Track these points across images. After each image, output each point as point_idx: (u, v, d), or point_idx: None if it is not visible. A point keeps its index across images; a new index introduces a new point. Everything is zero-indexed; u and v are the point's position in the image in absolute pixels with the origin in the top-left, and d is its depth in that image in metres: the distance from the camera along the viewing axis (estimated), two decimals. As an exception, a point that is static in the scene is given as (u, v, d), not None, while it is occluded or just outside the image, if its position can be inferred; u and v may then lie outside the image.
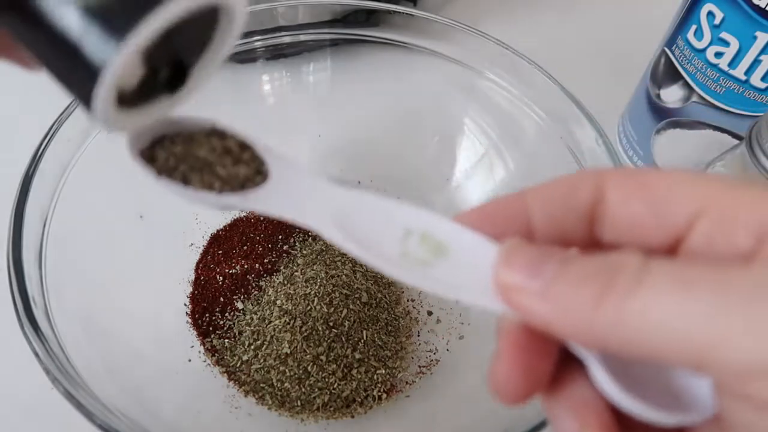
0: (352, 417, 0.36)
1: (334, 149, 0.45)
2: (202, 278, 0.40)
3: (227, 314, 0.38)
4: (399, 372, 0.37)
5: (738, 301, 0.14)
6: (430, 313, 0.40)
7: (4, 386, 0.36)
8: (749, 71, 0.37)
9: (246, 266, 0.40)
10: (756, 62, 0.36)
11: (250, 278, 0.40)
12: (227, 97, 0.42)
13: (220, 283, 0.39)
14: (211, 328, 0.38)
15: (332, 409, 0.35)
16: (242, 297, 0.39)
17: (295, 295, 0.37)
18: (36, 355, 0.27)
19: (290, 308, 0.37)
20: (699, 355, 0.14)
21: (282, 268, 0.40)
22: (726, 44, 0.37)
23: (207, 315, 0.38)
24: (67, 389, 0.26)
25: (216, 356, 0.37)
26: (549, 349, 0.17)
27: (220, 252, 0.41)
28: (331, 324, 0.36)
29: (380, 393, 0.36)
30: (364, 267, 0.40)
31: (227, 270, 0.40)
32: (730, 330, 0.13)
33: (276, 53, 0.43)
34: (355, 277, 0.39)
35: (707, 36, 0.38)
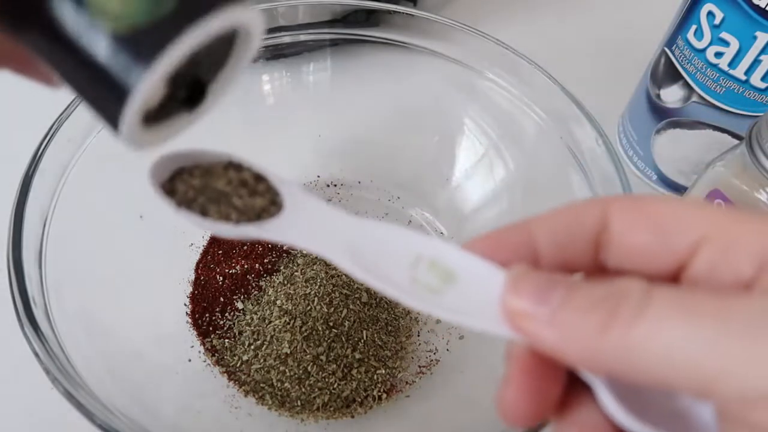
0: (352, 417, 0.36)
1: (334, 149, 0.45)
2: (202, 278, 0.40)
3: (227, 314, 0.38)
4: (399, 372, 0.37)
5: (739, 330, 0.14)
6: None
7: (4, 386, 0.36)
8: (749, 71, 0.37)
9: (246, 266, 0.40)
10: (756, 62, 0.36)
11: (250, 278, 0.40)
12: (227, 97, 0.42)
13: (220, 283, 0.39)
14: (211, 328, 0.38)
15: (332, 409, 0.35)
16: (242, 297, 0.39)
17: (295, 295, 0.37)
18: (36, 355, 0.27)
19: (290, 308, 0.37)
20: (701, 383, 0.14)
21: (282, 268, 0.40)
22: (726, 44, 0.37)
23: (207, 315, 0.38)
24: (67, 389, 0.26)
25: (216, 356, 0.37)
26: (557, 374, 0.17)
27: (220, 252, 0.41)
28: (331, 324, 0.36)
29: (380, 393, 0.36)
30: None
31: (227, 270, 0.40)
32: (732, 358, 0.14)
33: (276, 53, 0.43)
34: (355, 277, 0.39)
35: (707, 36, 0.38)
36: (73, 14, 0.15)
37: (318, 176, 0.45)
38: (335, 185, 0.45)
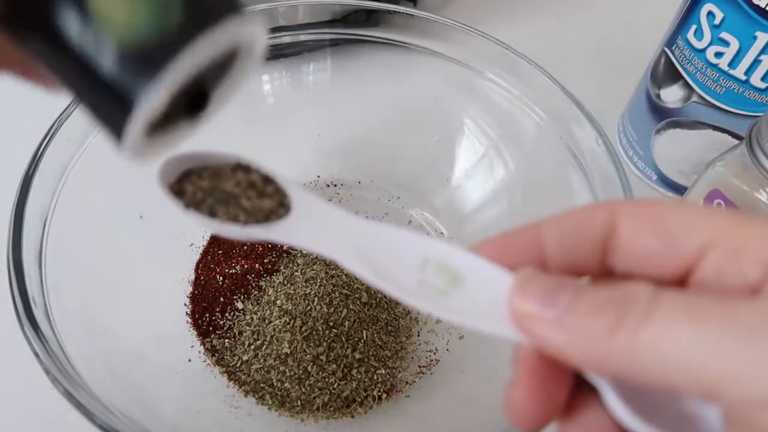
0: (352, 417, 0.36)
1: (334, 149, 0.45)
2: (202, 278, 0.40)
3: (227, 314, 0.38)
4: (399, 372, 0.37)
5: (746, 333, 0.14)
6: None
7: (4, 386, 0.36)
8: (749, 71, 0.37)
9: (246, 266, 0.40)
10: (756, 62, 0.36)
11: (250, 278, 0.40)
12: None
13: (220, 283, 0.39)
14: (211, 328, 0.38)
15: (332, 409, 0.35)
16: (242, 297, 0.39)
17: (295, 295, 0.37)
18: (36, 355, 0.27)
19: (290, 308, 0.37)
20: (708, 386, 0.14)
21: (282, 268, 0.40)
22: (726, 44, 0.37)
23: (207, 315, 0.38)
24: (67, 389, 0.26)
25: (216, 356, 0.37)
26: (563, 376, 0.18)
27: (220, 252, 0.41)
28: (331, 324, 0.36)
29: (380, 393, 0.36)
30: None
31: (227, 270, 0.40)
32: (739, 362, 0.14)
33: (276, 53, 0.43)
34: (355, 277, 0.39)
35: (707, 36, 0.38)
36: (79, 25, 0.15)
37: (318, 176, 0.45)
38: (335, 185, 0.45)
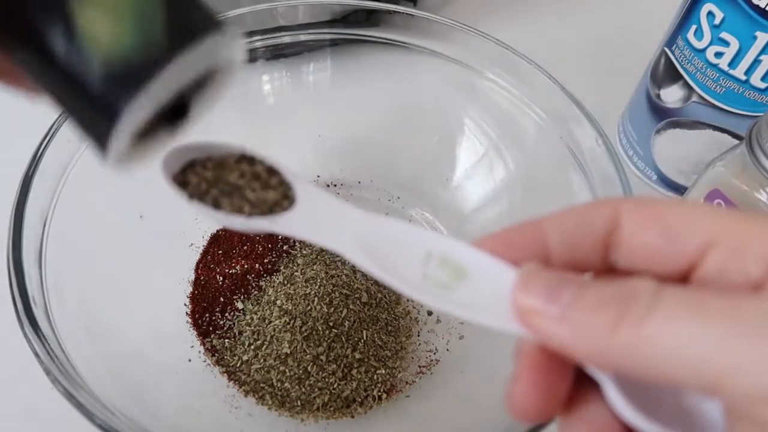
0: (352, 417, 0.36)
1: (334, 149, 0.45)
2: (202, 278, 0.40)
3: (227, 314, 0.38)
4: (399, 372, 0.37)
5: (748, 329, 0.14)
6: (430, 313, 0.40)
7: (4, 386, 0.36)
8: (749, 71, 0.37)
9: (246, 266, 0.40)
10: (756, 62, 0.36)
11: (250, 278, 0.40)
12: (227, 97, 0.42)
13: (220, 283, 0.39)
14: (211, 328, 0.38)
15: (332, 409, 0.35)
16: (242, 297, 0.39)
17: (295, 295, 0.37)
18: (36, 355, 0.27)
19: (290, 308, 0.37)
20: (710, 381, 0.14)
21: (282, 268, 0.40)
22: (726, 44, 0.37)
23: (207, 315, 0.38)
24: (67, 389, 0.26)
25: (216, 356, 0.37)
26: (565, 371, 0.18)
27: (220, 252, 0.41)
28: (331, 324, 0.36)
29: (380, 393, 0.36)
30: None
31: (227, 270, 0.40)
32: (741, 357, 0.14)
33: (276, 53, 0.43)
34: (355, 277, 0.39)
35: (707, 36, 0.38)
36: (66, 41, 0.15)
37: (318, 176, 0.45)
38: (335, 185, 0.45)
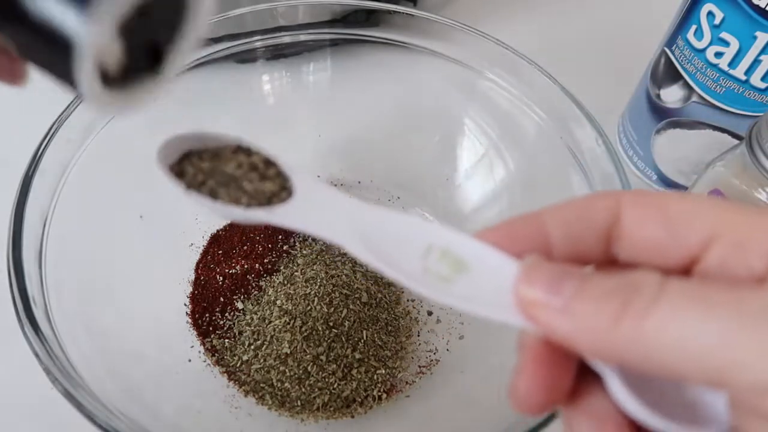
0: (352, 417, 0.36)
1: (334, 149, 0.45)
2: (202, 278, 0.40)
3: (227, 314, 0.38)
4: (399, 372, 0.37)
5: (752, 321, 0.14)
6: (430, 313, 0.40)
7: (5, 386, 0.36)
8: (749, 71, 0.37)
9: (246, 266, 0.40)
10: (756, 62, 0.36)
11: (250, 278, 0.40)
12: (227, 97, 0.42)
13: (220, 283, 0.39)
14: (211, 328, 0.38)
15: (332, 409, 0.35)
16: (242, 297, 0.39)
17: (295, 295, 0.37)
18: (36, 355, 0.27)
19: (290, 308, 0.37)
20: (714, 373, 0.14)
21: (282, 268, 0.40)
22: (726, 44, 0.37)
23: (207, 315, 0.38)
24: (67, 389, 0.26)
25: (216, 356, 0.37)
26: (568, 363, 0.18)
27: (220, 252, 0.41)
28: (331, 324, 0.36)
29: (380, 393, 0.36)
30: (365, 267, 0.40)
31: (227, 270, 0.40)
32: (745, 349, 0.14)
33: (276, 53, 0.43)
34: (355, 277, 0.39)
35: (707, 36, 0.38)
36: None
37: (318, 176, 0.45)
38: (335, 185, 0.45)
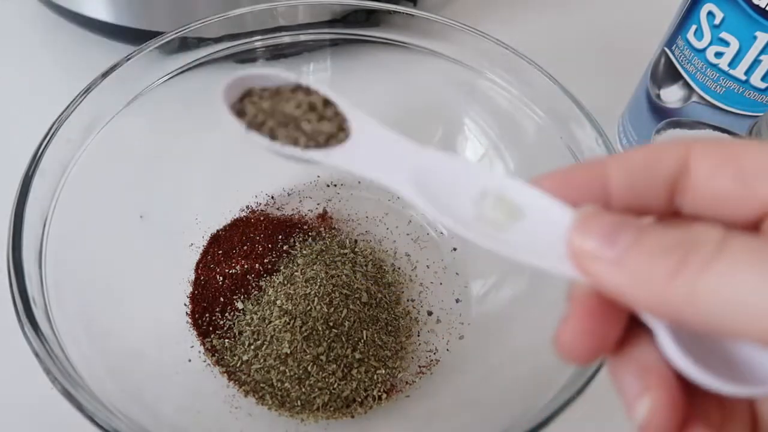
0: (352, 417, 0.36)
1: (334, 149, 0.45)
2: (202, 278, 0.40)
3: (227, 314, 0.38)
4: (399, 372, 0.37)
5: None
6: (430, 313, 0.40)
7: (4, 386, 0.36)
8: (749, 71, 0.37)
9: (246, 266, 0.40)
10: (756, 62, 0.36)
11: (250, 278, 0.40)
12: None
13: (220, 283, 0.39)
14: (211, 328, 0.38)
15: (332, 409, 0.35)
16: (242, 297, 0.39)
17: (295, 295, 0.37)
18: (36, 355, 0.27)
19: (290, 308, 0.37)
20: None
21: (282, 268, 0.40)
22: (726, 44, 0.37)
23: (207, 315, 0.38)
24: (67, 389, 0.26)
25: (216, 356, 0.37)
26: (618, 316, 0.17)
27: (220, 252, 0.41)
28: (331, 324, 0.36)
29: (380, 393, 0.36)
30: (365, 267, 0.40)
31: (227, 270, 0.40)
32: None
33: (276, 53, 0.43)
34: (355, 277, 0.39)
35: (707, 36, 0.38)
36: None
37: (318, 176, 0.45)
38: (335, 185, 0.45)
